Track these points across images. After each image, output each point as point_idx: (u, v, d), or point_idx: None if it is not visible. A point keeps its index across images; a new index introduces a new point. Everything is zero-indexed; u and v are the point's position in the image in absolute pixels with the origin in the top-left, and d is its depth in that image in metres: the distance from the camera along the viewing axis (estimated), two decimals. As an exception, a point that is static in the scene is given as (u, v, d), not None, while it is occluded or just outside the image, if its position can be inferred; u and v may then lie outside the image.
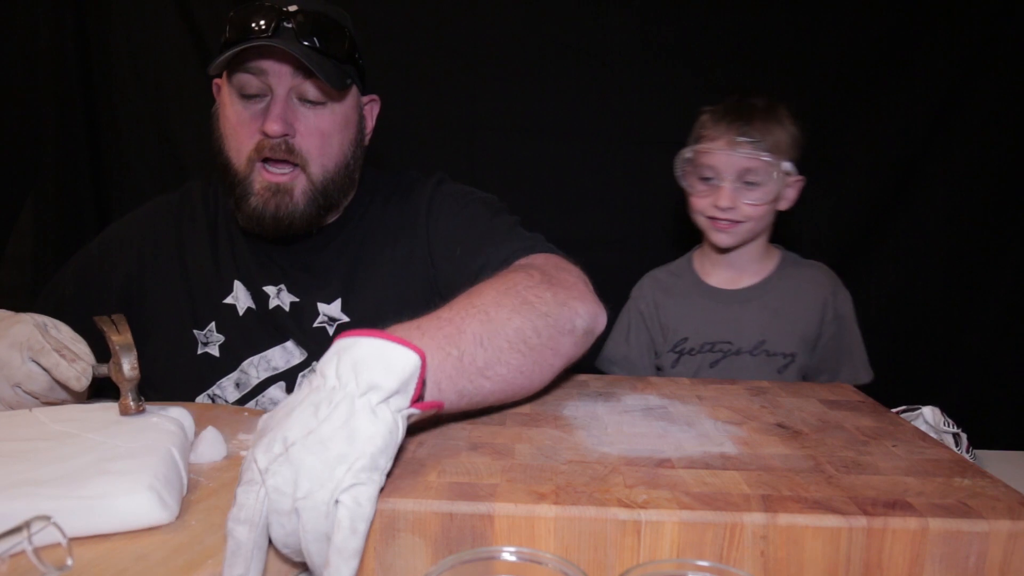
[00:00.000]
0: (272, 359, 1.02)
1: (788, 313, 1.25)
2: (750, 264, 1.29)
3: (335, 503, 0.48)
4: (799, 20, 1.55)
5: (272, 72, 0.93)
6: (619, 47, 1.57)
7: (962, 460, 0.64)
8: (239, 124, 0.96)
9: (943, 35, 1.52)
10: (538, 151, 1.60)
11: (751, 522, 0.52)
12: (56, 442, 0.64)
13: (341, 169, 1.01)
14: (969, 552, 0.52)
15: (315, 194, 0.98)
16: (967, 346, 1.60)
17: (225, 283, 1.04)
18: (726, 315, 1.27)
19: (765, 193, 1.21)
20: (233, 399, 1.02)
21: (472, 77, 1.58)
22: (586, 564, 0.52)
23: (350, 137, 1.02)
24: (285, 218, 0.97)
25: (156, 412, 0.72)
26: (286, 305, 1.03)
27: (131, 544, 0.55)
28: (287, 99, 0.95)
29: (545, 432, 0.68)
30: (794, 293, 1.26)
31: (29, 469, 0.59)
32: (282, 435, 0.51)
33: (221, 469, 0.69)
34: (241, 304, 1.03)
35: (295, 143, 0.95)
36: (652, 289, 1.35)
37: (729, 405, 0.79)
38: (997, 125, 1.53)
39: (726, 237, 1.25)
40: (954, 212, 1.57)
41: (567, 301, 0.78)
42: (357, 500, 0.49)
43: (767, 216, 1.25)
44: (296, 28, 0.92)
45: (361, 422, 0.51)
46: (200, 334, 1.03)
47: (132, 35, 1.62)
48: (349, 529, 0.48)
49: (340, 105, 0.99)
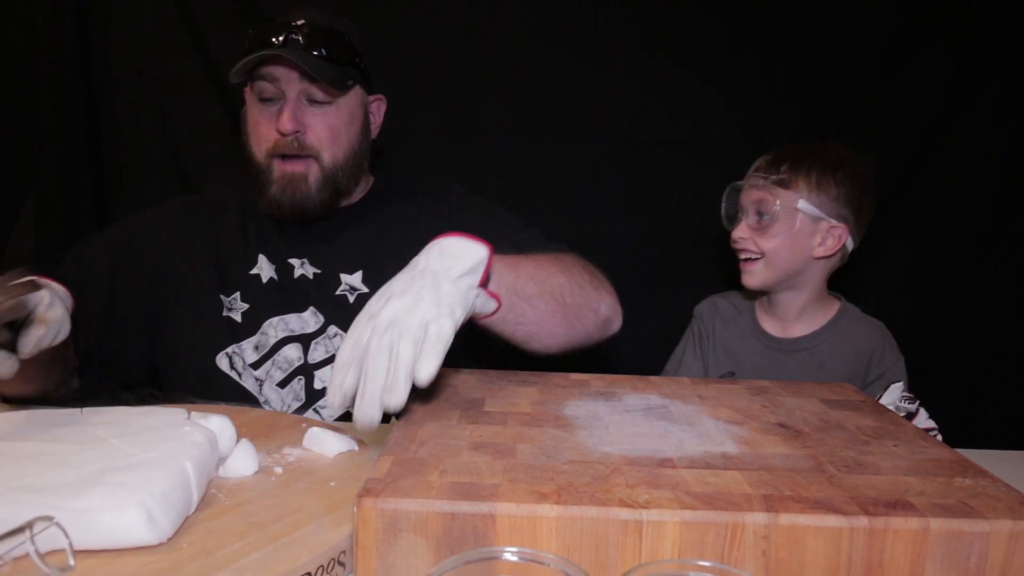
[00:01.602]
0: (290, 322, 1.13)
1: (832, 368, 1.24)
2: (800, 315, 1.27)
3: (426, 325, 0.67)
4: (800, 20, 1.54)
5: (283, 78, 1.08)
6: (620, 48, 1.57)
7: (963, 460, 0.64)
8: (259, 124, 1.12)
9: (943, 35, 1.52)
10: (538, 152, 1.59)
11: (752, 522, 0.52)
12: (78, 446, 0.64)
13: (350, 159, 1.15)
14: (970, 552, 0.52)
15: (327, 181, 1.12)
16: (967, 346, 1.60)
17: (251, 257, 1.16)
18: (773, 361, 1.27)
19: (774, 228, 1.20)
20: (251, 360, 1.12)
21: (472, 78, 1.58)
22: (588, 564, 0.52)
23: (356, 130, 1.16)
24: (300, 203, 1.11)
25: (194, 420, 0.71)
26: (310, 275, 1.15)
27: (109, 564, 0.53)
28: (297, 101, 1.09)
29: (547, 432, 0.68)
30: (843, 348, 1.25)
31: (36, 473, 0.59)
32: (385, 293, 0.70)
33: (245, 487, 0.68)
34: (264, 274, 1.15)
35: (306, 139, 1.10)
36: (712, 315, 1.36)
37: (730, 405, 0.79)
38: (998, 124, 1.53)
39: (747, 276, 1.25)
40: (954, 212, 1.57)
41: (599, 287, 0.98)
42: (441, 326, 0.67)
43: (792, 257, 1.22)
44: (303, 39, 1.07)
45: (443, 285, 0.70)
46: (226, 300, 1.14)
47: (132, 35, 1.62)
48: (436, 337, 0.67)
49: (345, 103, 1.13)
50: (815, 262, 1.23)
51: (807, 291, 1.26)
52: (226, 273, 1.15)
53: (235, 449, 0.71)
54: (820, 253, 1.22)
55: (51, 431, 0.68)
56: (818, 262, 1.23)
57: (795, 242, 1.21)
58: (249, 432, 0.79)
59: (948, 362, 1.60)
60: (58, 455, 0.62)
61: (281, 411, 1.10)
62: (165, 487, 0.58)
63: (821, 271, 1.25)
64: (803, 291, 1.26)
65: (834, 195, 1.20)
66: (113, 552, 0.55)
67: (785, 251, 1.21)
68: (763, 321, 1.31)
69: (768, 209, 1.20)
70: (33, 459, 0.61)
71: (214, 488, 0.66)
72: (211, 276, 1.15)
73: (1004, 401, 1.58)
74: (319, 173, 1.11)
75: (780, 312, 1.29)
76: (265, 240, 1.17)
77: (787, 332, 1.29)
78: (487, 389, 0.82)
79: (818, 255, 1.22)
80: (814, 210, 1.19)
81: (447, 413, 0.73)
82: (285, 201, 1.11)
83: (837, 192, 1.20)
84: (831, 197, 1.20)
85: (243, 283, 1.15)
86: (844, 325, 1.27)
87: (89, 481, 0.57)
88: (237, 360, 1.12)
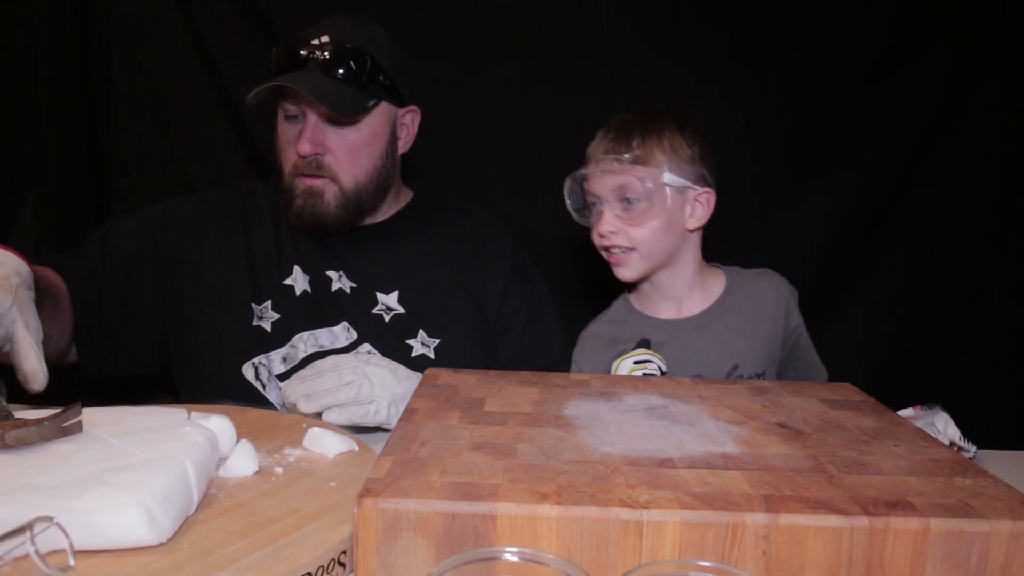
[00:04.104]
0: (320, 337, 1.12)
1: (753, 329, 1.15)
2: (691, 291, 1.17)
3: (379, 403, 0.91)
4: (800, 21, 1.54)
5: (303, 99, 1.08)
6: (620, 48, 1.57)
7: (963, 460, 0.64)
8: (284, 141, 1.14)
9: (943, 35, 1.52)
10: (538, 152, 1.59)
11: (753, 522, 0.52)
12: (79, 446, 0.64)
13: (372, 178, 1.15)
14: (971, 552, 0.52)
15: (347, 201, 1.13)
16: (968, 346, 1.60)
17: (285, 267, 1.15)
18: (687, 343, 1.15)
19: (649, 211, 1.08)
20: (278, 371, 1.10)
21: (473, 78, 1.58)
22: (588, 564, 0.52)
23: (380, 149, 1.16)
24: (320, 218, 1.13)
25: (194, 420, 0.70)
26: (347, 288, 1.15)
27: (109, 565, 0.53)
28: (317, 123, 1.10)
29: (547, 432, 0.68)
30: (754, 308, 1.16)
31: (37, 473, 0.59)
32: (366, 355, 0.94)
33: (246, 487, 0.68)
34: (299, 286, 1.14)
35: (325, 160, 1.11)
36: (596, 347, 1.20)
37: (730, 405, 0.79)
38: (998, 124, 1.53)
39: (622, 270, 1.13)
40: (955, 212, 1.57)
41: None
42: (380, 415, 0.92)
43: (668, 238, 1.11)
44: (322, 62, 1.07)
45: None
46: (257, 308, 1.13)
47: (132, 36, 1.62)
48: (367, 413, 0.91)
49: (367, 123, 1.13)
50: (690, 234, 1.14)
51: (690, 265, 1.16)
52: (259, 281, 1.14)
53: (235, 449, 0.71)
54: (693, 225, 1.12)
55: None
56: (692, 234, 1.14)
57: (669, 221, 1.10)
58: (249, 432, 0.79)
59: (948, 362, 1.60)
60: (58, 455, 0.62)
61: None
62: (165, 487, 0.57)
63: (697, 240, 1.16)
64: (685, 266, 1.16)
65: (689, 157, 1.09)
66: (113, 552, 0.55)
67: (662, 235, 1.10)
68: (651, 310, 1.20)
69: (636, 192, 1.08)
70: (33, 459, 0.61)
71: (214, 488, 0.66)
72: (243, 283, 1.13)
73: (1004, 401, 1.58)
74: (338, 192, 1.12)
75: (668, 292, 1.17)
76: (300, 251, 1.17)
77: (684, 311, 1.17)
78: (487, 389, 0.82)
79: (692, 227, 1.13)
80: (680, 180, 1.09)
81: (447, 413, 0.73)
82: (306, 215, 1.12)
83: (691, 154, 1.09)
84: (688, 161, 1.09)
85: (276, 293, 1.13)
86: (743, 284, 1.18)
87: (89, 481, 0.57)
88: (263, 371, 1.10)
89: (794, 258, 1.56)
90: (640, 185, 1.08)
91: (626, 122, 1.13)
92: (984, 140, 1.54)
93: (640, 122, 1.11)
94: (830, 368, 1.24)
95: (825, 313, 1.56)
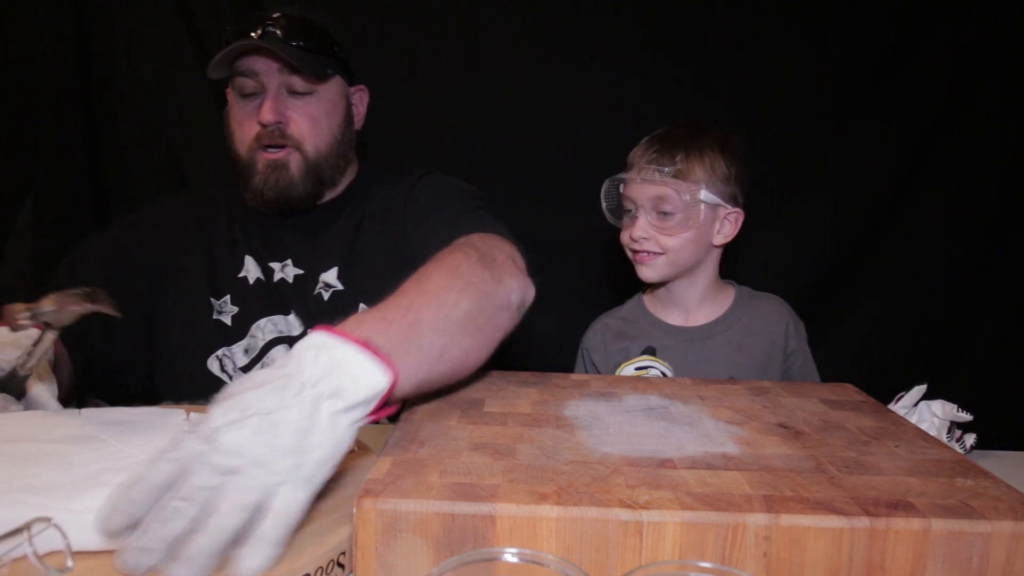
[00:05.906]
0: (278, 323, 1.12)
1: (751, 346, 1.20)
2: (702, 302, 1.22)
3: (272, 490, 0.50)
4: (800, 21, 1.54)
5: (263, 71, 1.09)
6: (620, 48, 1.57)
7: (964, 460, 0.64)
8: (241, 119, 1.12)
9: (944, 35, 1.52)
10: (538, 152, 1.59)
11: (753, 523, 0.52)
12: (78, 447, 0.64)
13: (333, 148, 1.15)
14: (972, 553, 0.52)
15: (310, 169, 1.12)
16: (968, 347, 1.60)
17: (238, 259, 1.15)
18: (687, 351, 1.20)
19: (681, 223, 1.14)
20: (241, 363, 1.11)
21: (472, 77, 1.58)
22: (588, 565, 0.52)
23: (338, 120, 1.16)
24: (284, 192, 1.11)
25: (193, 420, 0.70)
26: (290, 278, 1.14)
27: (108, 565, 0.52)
28: (278, 92, 1.09)
29: (546, 432, 0.68)
30: (756, 326, 1.21)
31: (35, 474, 0.58)
32: (243, 404, 0.52)
33: None
34: (251, 276, 1.15)
35: (288, 129, 1.10)
36: (605, 336, 1.26)
37: (730, 405, 0.78)
38: (998, 125, 1.53)
39: (646, 270, 1.18)
40: (956, 212, 1.57)
41: (501, 278, 0.83)
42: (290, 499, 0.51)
43: (696, 250, 1.17)
44: (280, 31, 1.08)
45: (317, 425, 0.53)
46: (216, 302, 1.13)
47: (132, 36, 1.62)
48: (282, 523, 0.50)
49: (325, 93, 1.13)
50: (713, 249, 1.20)
51: (706, 278, 1.22)
52: (216, 276, 1.14)
53: None
54: (720, 241, 1.18)
55: (50, 432, 0.68)
56: (716, 249, 1.20)
57: (699, 235, 1.16)
58: None
59: (949, 362, 1.60)
60: (57, 456, 0.62)
61: None
62: None
63: (718, 256, 1.21)
64: (701, 278, 1.21)
65: (725, 177, 1.15)
66: (112, 553, 0.54)
67: (690, 246, 1.16)
68: (662, 314, 1.25)
69: (673, 205, 1.14)
70: (32, 460, 0.61)
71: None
72: (202, 279, 1.14)
73: (1006, 402, 1.58)
74: (302, 162, 1.11)
75: (680, 301, 1.23)
76: (251, 242, 1.16)
77: (691, 320, 1.23)
78: (487, 389, 0.82)
79: (718, 243, 1.19)
80: (714, 198, 1.15)
81: (447, 413, 0.73)
82: (269, 191, 1.11)
83: (728, 174, 1.15)
84: (724, 181, 1.15)
85: (232, 286, 1.14)
86: (749, 304, 1.23)
87: (88, 482, 0.57)
88: (228, 363, 1.11)
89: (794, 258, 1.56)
90: (678, 198, 1.13)
91: (671, 135, 1.17)
92: (984, 140, 1.54)
93: (685, 137, 1.16)
94: (830, 368, 1.24)
95: (825, 313, 1.56)
